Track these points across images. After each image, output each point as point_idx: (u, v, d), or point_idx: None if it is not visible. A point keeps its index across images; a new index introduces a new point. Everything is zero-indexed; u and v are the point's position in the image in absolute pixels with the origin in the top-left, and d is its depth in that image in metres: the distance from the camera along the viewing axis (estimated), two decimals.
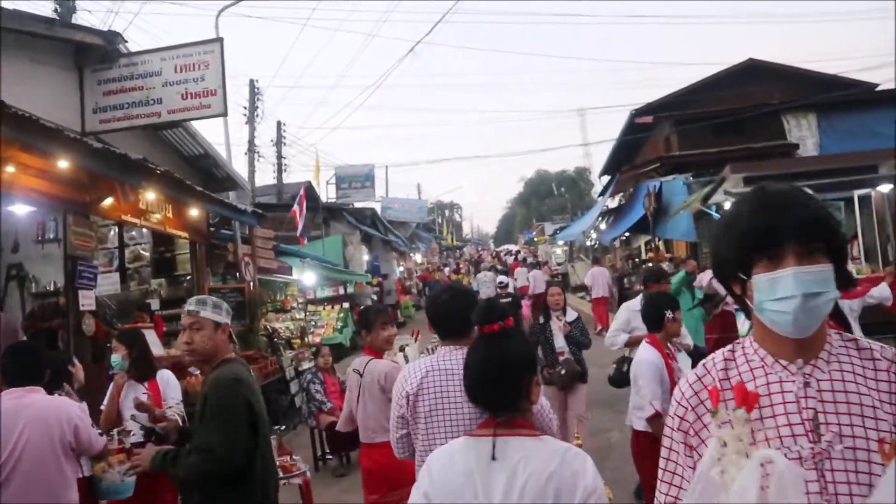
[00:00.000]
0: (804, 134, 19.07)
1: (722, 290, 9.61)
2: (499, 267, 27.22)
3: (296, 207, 14.44)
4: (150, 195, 7.94)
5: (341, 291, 17.93)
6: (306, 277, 15.88)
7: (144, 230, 10.05)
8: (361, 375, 4.27)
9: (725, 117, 18.88)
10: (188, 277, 10.57)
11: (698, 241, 14.82)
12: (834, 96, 19.12)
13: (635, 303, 5.92)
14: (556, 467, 1.65)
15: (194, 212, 9.36)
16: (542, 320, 6.46)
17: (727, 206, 13.22)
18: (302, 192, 14.42)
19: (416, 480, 1.84)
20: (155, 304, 10.18)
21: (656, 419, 3.74)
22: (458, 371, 2.45)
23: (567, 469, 1.66)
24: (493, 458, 1.69)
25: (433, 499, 1.73)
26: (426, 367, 2.73)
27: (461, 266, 31.83)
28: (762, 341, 1.33)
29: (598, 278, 17.66)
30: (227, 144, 11.76)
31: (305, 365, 10.39)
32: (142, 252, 11.25)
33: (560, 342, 6.26)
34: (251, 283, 11.44)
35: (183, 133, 9.41)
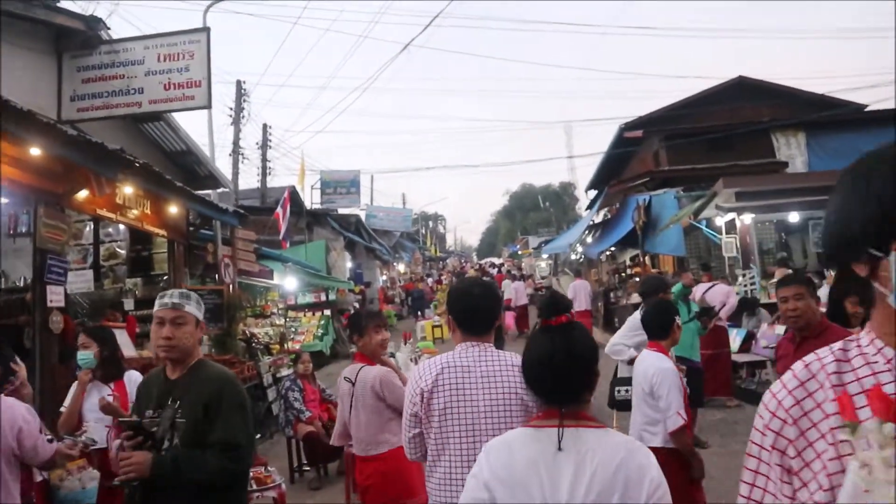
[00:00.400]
0: (793, 152, 19.08)
1: (716, 304, 9.40)
2: (486, 279, 26.89)
3: (279, 210, 14.08)
4: (127, 189, 7.59)
5: (323, 298, 17.54)
6: (288, 282, 15.51)
7: (121, 227, 9.66)
8: (353, 384, 3.98)
9: (715, 133, 18.84)
10: (165, 277, 10.17)
11: (686, 256, 14.66)
12: (823, 116, 19.18)
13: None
14: (623, 458, 1.64)
15: (174, 209, 9.00)
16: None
17: (718, 221, 13.08)
18: (286, 194, 14.06)
19: (472, 470, 1.79)
20: (129, 303, 9.78)
21: (682, 432, 3.48)
22: (474, 368, 2.46)
23: (633, 461, 1.65)
24: (560, 448, 1.67)
25: (495, 489, 1.69)
26: (442, 363, 2.56)
27: (444, 277, 31.52)
28: (889, 336, 1.04)
29: (579, 291, 17.46)
30: (211, 142, 11.41)
31: (284, 371, 10.02)
32: (117, 250, 10.84)
33: None
34: (231, 286, 11.06)
35: (164, 127, 9.04)
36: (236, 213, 9.70)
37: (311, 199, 21.22)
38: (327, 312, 17.56)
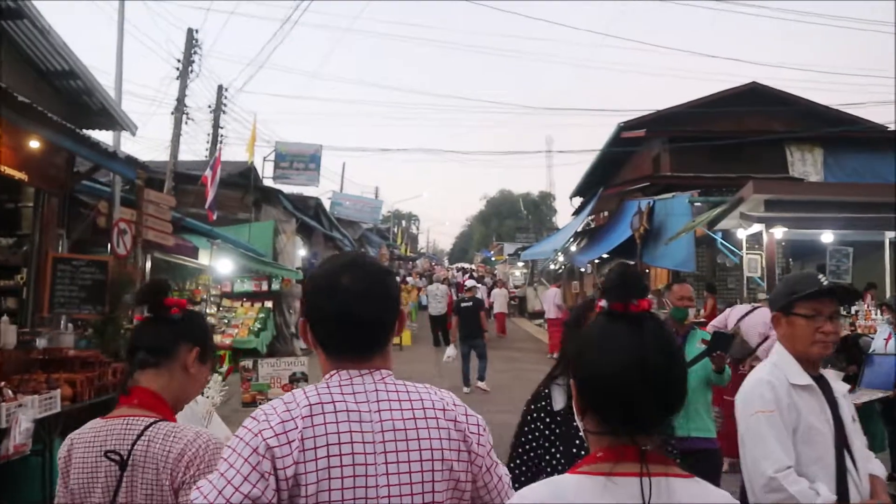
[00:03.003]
0: (808, 169, 17.12)
1: (755, 336, 7.12)
2: (465, 279, 24.89)
3: (208, 172, 11.53)
4: None
5: (265, 287, 15.01)
6: (221, 265, 12.96)
7: None
8: (122, 464, 1.70)
9: (725, 140, 16.81)
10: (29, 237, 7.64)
11: (697, 273, 12.50)
12: (843, 131, 17.24)
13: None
14: None
15: (37, 145, 6.49)
16: None
17: (740, 233, 10.88)
18: (217, 154, 11.54)
19: None
20: None
21: None
22: (369, 414, 1.35)
23: None
24: None
25: None
26: (308, 401, 1.34)
27: (411, 277, 29.06)
28: None
29: (548, 299, 15.87)
30: (119, 71, 8.69)
31: None
32: None
33: None
34: (128, 259, 8.56)
35: (31, 31, 6.52)
36: (130, 159, 7.19)
37: (263, 173, 18.69)
38: (269, 304, 15.05)
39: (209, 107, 18.99)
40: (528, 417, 2.66)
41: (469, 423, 1.44)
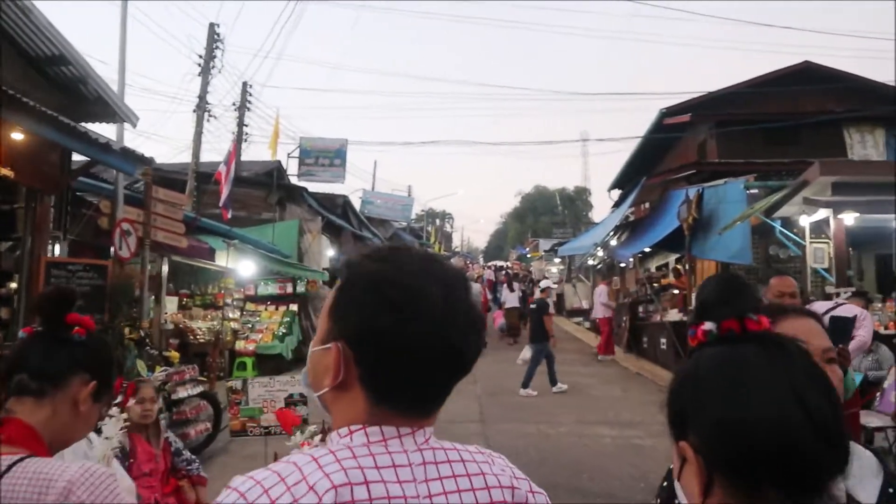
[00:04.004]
0: (869, 151, 15.81)
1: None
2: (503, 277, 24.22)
3: (222, 168, 10.84)
4: None
5: (289, 290, 14.34)
6: (241, 266, 12.33)
7: None
8: None
9: (778, 123, 15.64)
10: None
11: (754, 265, 11.46)
12: None
13: None
14: None
15: (20, 137, 5.84)
16: None
17: (802, 220, 9.82)
18: (231, 148, 10.83)
19: None
20: None
21: None
22: (414, 501, 0.93)
23: None
24: None
25: None
26: (328, 483, 0.87)
27: None
28: None
29: (596, 297, 15.13)
30: (122, 59, 7.95)
31: (185, 392, 6.80)
32: None
33: None
34: (132, 262, 7.93)
35: (13, 10, 5.86)
36: (126, 151, 6.50)
37: (288, 170, 18.00)
38: (294, 307, 14.40)
39: (233, 104, 18.43)
40: None
41: None
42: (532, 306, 11.96)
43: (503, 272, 29.92)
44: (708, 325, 0.95)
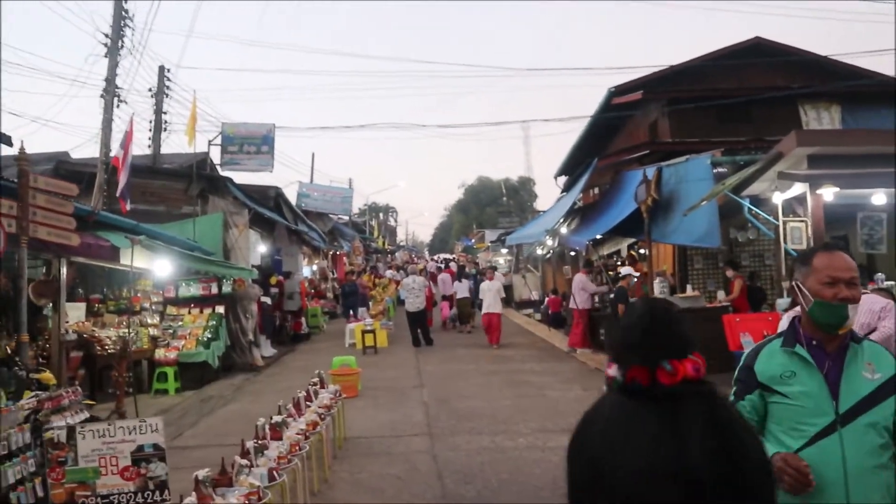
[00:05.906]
0: (825, 128, 15.28)
1: (859, 329, 5.20)
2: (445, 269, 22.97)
3: (119, 152, 9.32)
4: None
5: (214, 291, 12.87)
6: (156, 266, 10.82)
7: None
8: None
9: (731, 99, 14.96)
10: None
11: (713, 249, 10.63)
12: (860, 85, 15.41)
13: None
14: None
15: None
16: None
17: (776, 198, 8.96)
18: (128, 127, 9.32)
19: None
20: None
21: None
22: None
23: None
24: None
25: None
26: None
27: (389, 270, 26.81)
28: None
29: (575, 287, 14.03)
30: None
31: (63, 421, 5.41)
32: None
33: None
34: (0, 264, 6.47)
35: None
36: None
37: (210, 161, 16.40)
38: (220, 309, 12.94)
39: (149, 90, 16.74)
40: None
41: None
42: (610, 296, 12.80)
43: (449, 265, 28.89)
44: (613, 371, 0.97)
